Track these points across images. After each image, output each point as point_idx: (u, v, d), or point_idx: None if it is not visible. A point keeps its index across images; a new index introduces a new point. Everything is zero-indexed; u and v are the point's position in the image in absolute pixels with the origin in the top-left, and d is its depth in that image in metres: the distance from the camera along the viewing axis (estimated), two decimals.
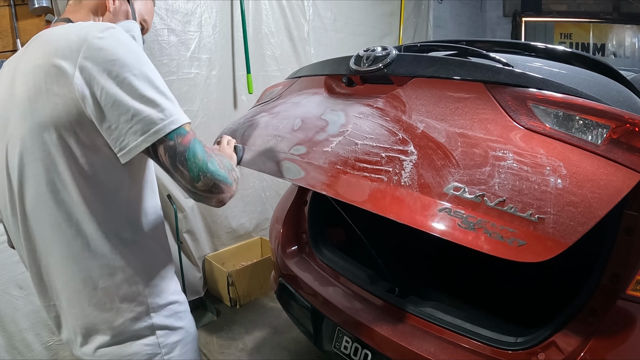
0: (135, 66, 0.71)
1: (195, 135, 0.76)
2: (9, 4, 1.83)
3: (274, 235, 1.88)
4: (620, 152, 0.75)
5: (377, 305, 1.42)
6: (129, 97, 0.70)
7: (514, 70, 0.98)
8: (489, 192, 0.76)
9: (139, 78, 0.71)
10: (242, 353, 2.21)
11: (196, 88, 2.43)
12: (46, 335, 1.89)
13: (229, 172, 0.79)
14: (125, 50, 0.72)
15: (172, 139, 0.72)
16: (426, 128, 0.94)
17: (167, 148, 0.73)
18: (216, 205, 0.79)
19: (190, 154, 0.73)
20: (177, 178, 0.75)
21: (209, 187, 0.75)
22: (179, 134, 0.73)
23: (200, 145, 0.76)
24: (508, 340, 1.14)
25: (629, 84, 1.35)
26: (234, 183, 0.80)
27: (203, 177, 0.74)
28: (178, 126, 0.73)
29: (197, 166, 0.73)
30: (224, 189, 0.77)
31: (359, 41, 3.42)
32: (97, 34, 0.71)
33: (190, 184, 0.75)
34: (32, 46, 0.78)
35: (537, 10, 5.63)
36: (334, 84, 1.29)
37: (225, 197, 0.78)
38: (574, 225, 0.68)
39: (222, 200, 0.78)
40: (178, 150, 0.73)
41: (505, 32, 5.73)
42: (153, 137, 0.71)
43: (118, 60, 0.70)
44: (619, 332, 0.96)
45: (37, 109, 0.72)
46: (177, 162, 0.73)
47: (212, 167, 0.75)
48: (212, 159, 0.76)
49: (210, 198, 0.77)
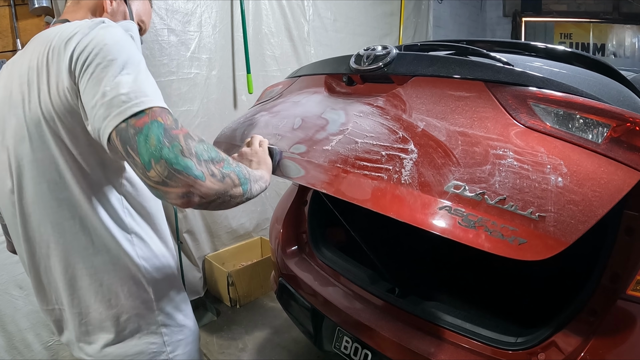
0: (114, 53, 0.68)
1: (159, 119, 0.65)
2: (9, 4, 1.83)
3: (274, 235, 1.87)
4: (621, 151, 0.75)
5: (377, 305, 1.42)
6: (102, 84, 0.66)
7: (514, 69, 0.98)
8: (490, 191, 0.76)
9: (117, 64, 0.67)
10: (242, 353, 2.20)
11: (196, 88, 2.43)
12: (46, 335, 1.89)
13: (199, 163, 0.65)
14: (111, 41, 0.70)
15: (126, 122, 0.64)
16: (426, 126, 0.93)
17: (119, 131, 0.64)
18: (180, 204, 0.65)
19: (141, 137, 0.63)
20: (132, 166, 0.66)
21: (163, 178, 0.62)
22: (135, 117, 0.64)
23: (160, 128, 0.64)
24: (508, 340, 1.14)
25: (629, 84, 1.35)
26: (207, 177, 0.65)
27: (155, 165, 0.62)
28: (141, 109, 0.65)
29: (147, 151, 0.62)
30: (184, 181, 0.62)
31: (359, 41, 3.42)
32: (86, 30, 0.70)
33: (142, 173, 0.64)
34: (29, 48, 0.79)
35: (537, 10, 5.63)
36: (334, 83, 1.29)
37: (190, 193, 0.64)
38: (575, 224, 0.68)
39: (187, 198, 0.64)
40: (129, 133, 0.64)
41: (505, 32, 5.73)
42: (112, 121, 0.64)
43: (102, 49, 0.68)
44: (619, 332, 0.95)
45: (31, 109, 0.72)
46: (127, 146, 0.64)
47: (168, 153, 0.62)
48: (174, 143, 0.63)
49: (168, 192, 0.63)
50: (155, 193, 0.65)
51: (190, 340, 0.89)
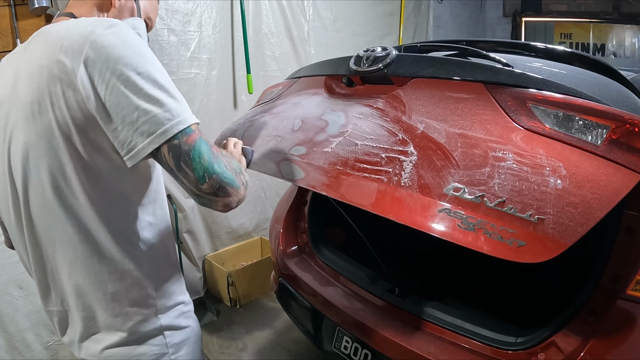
0: (140, 64, 0.69)
1: (201, 135, 0.73)
2: (9, 4, 1.83)
3: (274, 235, 1.88)
4: (620, 153, 0.75)
5: (377, 305, 1.42)
6: (134, 97, 0.68)
7: (514, 70, 0.98)
8: (489, 193, 0.76)
9: (144, 77, 0.69)
10: (242, 353, 2.21)
11: (196, 88, 2.43)
12: (46, 335, 1.89)
13: (236, 175, 0.75)
14: (130, 47, 0.70)
15: (178, 138, 0.69)
16: (426, 129, 0.94)
17: (171, 147, 0.70)
18: (222, 209, 0.75)
19: (195, 154, 0.70)
20: (181, 180, 0.72)
21: (215, 190, 0.71)
22: (184, 133, 0.70)
23: (207, 145, 0.72)
24: (508, 340, 1.14)
25: (629, 84, 1.35)
26: (241, 187, 0.76)
27: (208, 179, 0.70)
28: (186, 126, 0.70)
29: (202, 167, 0.70)
30: (230, 192, 0.73)
31: (359, 41, 3.42)
32: (101, 31, 0.69)
33: (195, 186, 0.71)
34: (35, 44, 0.76)
35: (537, 10, 5.62)
36: (334, 84, 1.29)
37: (232, 201, 0.74)
38: (574, 226, 0.68)
39: (229, 205, 0.75)
40: (183, 150, 0.70)
41: (505, 32, 5.72)
42: (160, 138, 0.68)
43: (122, 58, 0.68)
44: (619, 332, 0.96)
45: (42, 112, 0.71)
46: (181, 162, 0.70)
47: (218, 168, 0.71)
48: (219, 160, 0.73)
49: (216, 202, 0.73)
50: (203, 202, 0.73)
51: (193, 340, 0.89)
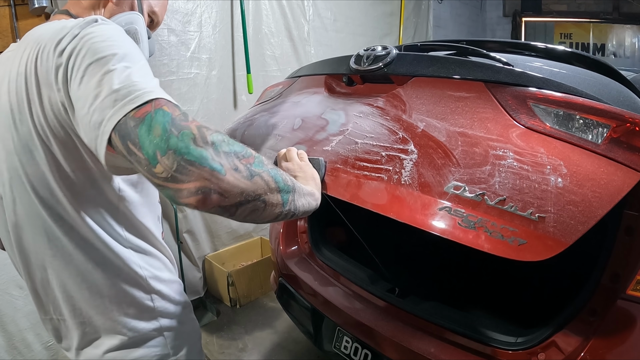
0: (105, 49, 0.61)
1: (163, 107, 0.56)
2: (9, 4, 1.83)
3: (274, 235, 1.87)
4: (621, 152, 0.75)
5: (377, 305, 1.42)
6: (92, 87, 0.58)
7: (514, 69, 0.98)
8: (490, 191, 0.76)
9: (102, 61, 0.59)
10: (242, 353, 2.20)
11: (196, 88, 2.43)
12: (46, 335, 1.89)
13: (217, 154, 0.54)
14: (100, 39, 0.62)
15: (125, 116, 0.55)
16: (426, 127, 0.93)
17: (117, 128, 0.55)
18: (195, 203, 0.53)
19: (142, 128, 0.53)
20: (135, 166, 0.56)
21: (171, 172, 0.51)
22: (135, 109, 0.55)
23: (165, 116, 0.54)
24: (508, 340, 1.13)
25: (629, 84, 1.35)
26: (228, 171, 0.54)
27: (161, 157, 0.51)
28: (141, 102, 0.56)
29: (151, 142, 0.52)
30: (199, 174, 0.52)
31: (359, 41, 3.42)
32: (76, 31, 0.64)
33: (147, 170, 0.53)
34: (21, 47, 0.73)
35: (537, 10, 5.63)
36: (334, 83, 1.29)
37: (206, 188, 0.52)
38: (575, 225, 0.68)
39: (202, 194, 0.52)
40: (128, 126, 0.54)
41: (505, 32, 5.73)
42: (109, 124, 0.56)
43: (90, 49, 0.61)
44: (619, 332, 0.95)
45: (22, 121, 0.67)
46: (128, 141, 0.54)
47: (176, 142, 0.52)
48: (184, 132, 0.53)
49: (179, 190, 0.52)
50: (166, 194, 0.54)
51: (193, 341, 0.89)
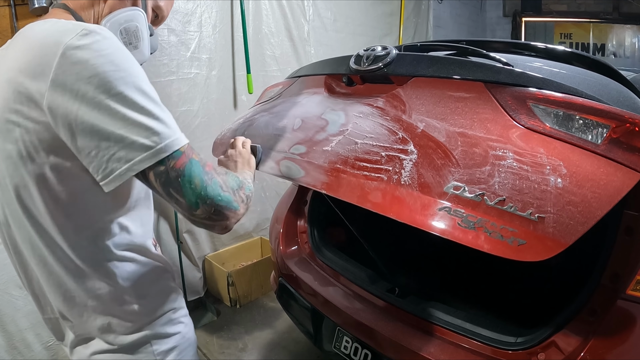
0: (116, 82, 0.61)
1: (192, 156, 0.67)
2: (9, 4, 1.83)
3: (274, 235, 1.87)
4: (620, 152, 0.75)
5: (377, 305, 1.42)
6: (110, 122, 0.61)
7: (514, 69, 0.98)
8: (489, 191, 0.76)
9: (120, 98, 0.62)
10: (242, 353, 2.20)
11: (196, 88, 2.43)
12: (46, 335, 1.89)
13: (234, 194, 0.71)
14: (106, 62, 0.61)
15: (164, 164, 0.64)
16: (426, 127, 0.93)
17: (157, 174, 0.65)
18: (220, 232, 0.72)
19: (184, 180, 0.65)
20: (174, 206, 0.67)
21: (210, 215, 0.67)
22: (172, 157, 0.64)
23: (198, 167, 0.67)
24: (508, 340, 1.14)
25: (629, 84, 1.35)
26: (241, 205, 0.72)
27: (202, 204, 0.66)
28: (171, 152, 0.64)
29: (194, 192, 0.65)
30: (227, 215, 0.69)
31: (359, 41, 3.42)
32: (73, 42, 0.61)
33: (188, 212, 0.67)
34: (12, 48, 0.71)
35: (537, 10, 5.63)
36: (334, 83, 1.29)
37: (230, 223, 0.70)
38: (574, 225, 0.68)
39: (227, 227, 0.71)
40: (170, 176, 0.65)
41: (505, 32, 5.73)
42: (139, 165, 0.63)
43: (95, 77, 0.60)
44: (619, 332, 0.95)
45: (9, 130, 0.66)
46: (170, 189, 0.65)
47: (212, 191, 0.67)
48: (214, 180, 0.68)
49: (213, 226, 0.70)
50: (198, 225, 0.70)
51: (184, 346, 0.86)
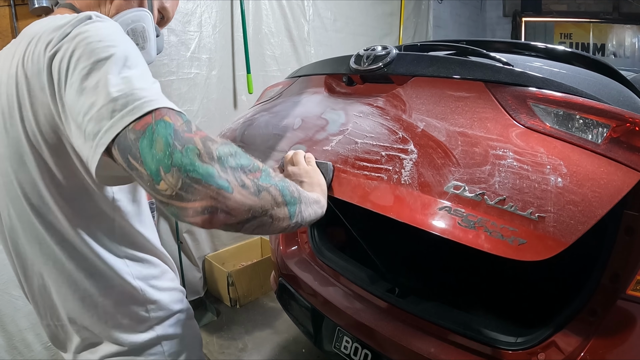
0: (102, 51, 0.57)
1: (164, 117, 0.53)
2: (9, 4, 1.83)
3: (274, 236, 1.87)
4: (621, 151, 0.75)
5: (377, 305, 1.42)
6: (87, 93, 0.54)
7: (514, 69, 0.98)
8: (489, 191, 0.76)
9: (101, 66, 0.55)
10: (242, 353, 2.20)
11: (196, 88, 2.43)
12: (46, 335, 1.89)
13: (224, 170, 0.52)
14: (96, 39, 0.58)
15: (125, 129, 0.52)
16: (426, 127, 0.93)
17: (118, 142, 0.52)
18: (201, 222, 0.51)
19: (144, 142, 0.50)
20: (140, 184, 0.54)
21: (176, 190, 0.49)
22: (136, 121, 0.52)
23: (168, 129, 0.51)
24: (508, 340, 1.13)
25: (629, 84, 1.35)
26: (236, 189, 0.52)
27: (165, 174, 0.49)
28: (141, 114, 0.52)
29: (154, 157, 0.49)
30: (205, 192, 0.49)
31: (359, 41, 3.42)
32: (68, 29, 0.60)
33: (151, 187, 0.51)
34: (14, 46, 0.70)
35: (537, 10, 5.63)
36: (334, 83, 1.29)
37: (213, 208, 0.50)
38: (574, 224, 0.68)
39: (209, 214, 0.50)
40: (129, 139, 0.51)
41: (505, 32, 5.73)
42: (107, 135, 0.52)
43: (85, 51, 0.57)
44: (619, 332, 0.95)
45: (13, 125, 0.65)
46: (128, 156, 0.51)
47: (180, 159, 0.49)
48: (188, 147, 0.50)
49: (184, 209, 0.50)
50: (170, 211, 0.52)
51: (192, 346, 0.87)
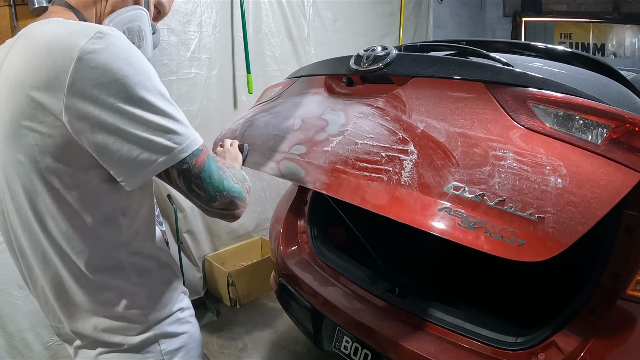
0: (136, 87, 0.63)
1: (208, 152, 0.73)
2: (9, 4, 1.83)
3: (274, 235, 1.87)
4: (620, 152, 0.75)
5: (377, 305, 1.42)
6: (132, 125, 0.63)
7: (514, 70, 0.98)
8: (489, 192, 0.76)
9: (141, 103, 0.63)
10: (242, 353, 2.21)
11: (196, 88, 2.43)
12: (46, 335, 1.89)
13: (242, 185, 0.78)
14: (124, 66, 0.62)
15: (187, 162, 0.69)
16: (426, 128, 0.93)
17: (181, 172, 0.70)
18: (231, 220, 0.78)
19: (205, 175, 0.71)
20: (193, 199, 0.73)
21: (226, 205, 0.74)
22: (193, 156, 0.70)
23: (215, 163, 0.73)
24: (508, 340, 1.13)
25: (629, 84, 1.35)
26: (247, 196, 0.79)
27: (220, 197, 0.73)
28: (190, 152, 0.69)
29: (213, 186, 0.72)
30: (239, 204, 0.76)
31: (359, 41, 3.42)
32: (88, 47, 0.60)
33: (207, 204, 0.74)
34: (16, 50, 0.68)
35: (537, 10, 5.63)
36: (334, 83, 1.29)
37: (240, 212, 0.78)
38: (574, 225, 0.68)
39: (237, 216, 0.78)
40: (193, 173, 0.70)
41: (505, 32, 5.73)
42: (162, 165, 0.67)
43: (115, 82, 0.61)
44: (619, 332, 0.95)
45: (22, 135, 0.64)
46: (192, 185, 0.71)
47: (227, 184, 0.74)
48: (227, 174, 0.75)
49: (226, 215, 0.77)
50: (212, 216, 0.78)
51: (191, 346, 0.87)
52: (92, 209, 0.70)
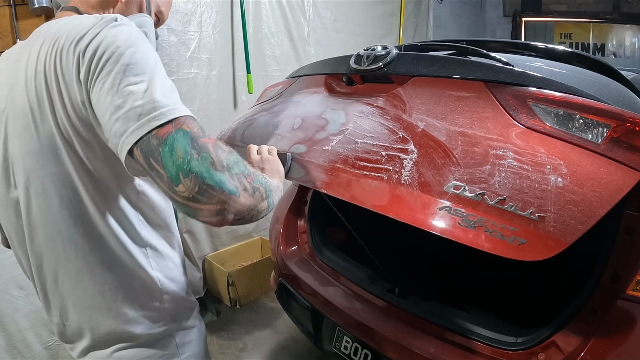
0: (130, 58, 0.62)
1: (183, 126, 0.61)
2: (9, 4, 1.83)
3: (274, 235, 1.87)
4: (621, 151, 0.75)
5: (377, 305, 1.42)
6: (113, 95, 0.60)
7: (514, 69, 0.98)
8: (490, 191, 0.76)
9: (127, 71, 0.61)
10: (242, 353, 2.20)
11: (196, 88, 2.43)
12: (46, 335, 1.89)
13: (232, 177, 0.61)
14: (123, 44, 0.63)
15: (148, 134, 0.59)
16: (426, 127, 0.93)
17: (140, 144, 0.59)
18: (212, 221, 0.61)
19: (165, 148, 0.58)
20: (155, 180, 0.61)
21: (193, 193, 0.58)
22: (159, 128, 0.60)
23: (186, 137, 0.59)
24: (508, 340, 1.13)
25: (629, 84, 1.35)
26: (241, 193, 0.61)
27: (184, 179, 0.57)
28: (163, 122, 0.60)
29: (174, 163, 0.57)
30: (216, 197, 0.58)
31: (359, 41, 3.42)
32: (96, 30, 0.63)
33: (169, 187, 0.59)
34: (32, 46, 0.71)
35: (537, 10, 5.63)
36: (334, 83, 1.29)
37: (223, 210, 0.60)
38: (575, 224, 0.68)
39: (220, 214, 0.60)
40: (152, 145, 0.59)
41: (505, 32, 5.73)
42: (132, 136, 0.59)
43: (114, 54, 0.61)
44: (619, 332, 0.95)
45: (43, 120, 0.66)
46: (150, 159, 0.59)
47: (197, 166, 0.58)
48: (204, 155, 0.59)
49: (199, 210, 0.59)
50: (185, 210, 0.60)
51: (200, 340, 0.88)
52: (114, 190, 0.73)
